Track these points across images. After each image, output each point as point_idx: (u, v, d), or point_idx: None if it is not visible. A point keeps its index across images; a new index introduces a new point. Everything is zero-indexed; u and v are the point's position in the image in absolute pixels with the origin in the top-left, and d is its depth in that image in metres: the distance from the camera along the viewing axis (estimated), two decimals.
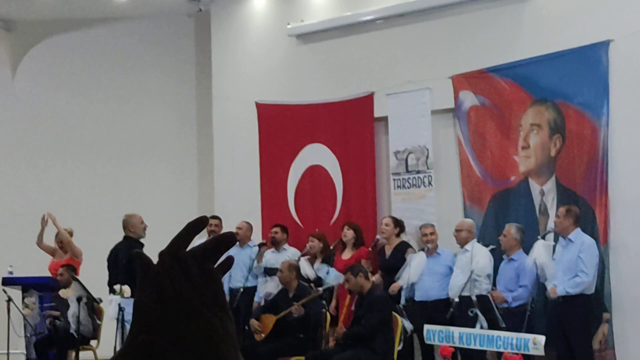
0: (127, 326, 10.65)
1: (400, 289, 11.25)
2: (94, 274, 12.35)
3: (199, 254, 1.60)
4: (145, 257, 1.60)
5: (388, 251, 11.83)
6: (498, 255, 10.70)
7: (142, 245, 11.09)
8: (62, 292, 12.15)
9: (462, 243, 10.93)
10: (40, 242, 13.57)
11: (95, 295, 11.58)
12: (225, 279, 12.91)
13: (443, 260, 11.20)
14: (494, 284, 10.51)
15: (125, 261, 10.87)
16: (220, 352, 1.58)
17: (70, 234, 13.49)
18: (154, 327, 1.52)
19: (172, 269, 1.56)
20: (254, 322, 11.14)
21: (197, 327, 1.52)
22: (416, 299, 11.16)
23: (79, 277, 11.99)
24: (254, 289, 12.74)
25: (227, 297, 12.72)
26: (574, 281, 9.65)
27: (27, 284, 13.02)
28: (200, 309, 1.52)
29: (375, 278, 11.29)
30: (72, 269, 12.53)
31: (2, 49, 15.91)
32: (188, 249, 1.61)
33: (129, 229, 11.16)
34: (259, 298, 12.58)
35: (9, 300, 12.50)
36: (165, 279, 1.55)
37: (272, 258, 12.67)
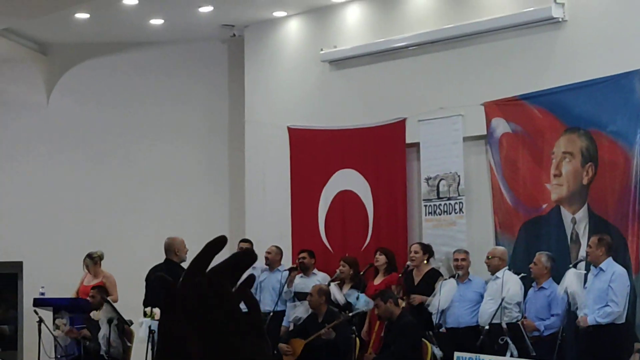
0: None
1: (426, 309, 11.21)
2: (123, 296, 12.43)
3: (219, 273, 1.57)
4: (169, 279, 1.58)
5: (417, 277, 11.80)
6: (528, 283, 10.65)
7: (183, 269, 11.11)
8: (93, 314, 12.19)
9: (494, 270, 10.88)
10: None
11: (126, 317, 11.61)
12: None
13: (474, 287, 11.16)
14: (524, 312, 10.44)
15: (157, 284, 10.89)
16: None
17: (101, 257, 13.53)
18: (181, 353, 1.48)
19: (200, 290, 1.53)
20: (282, 345, 11.14)
21: (234, 356, 1.48)
22: (447, 325, 11.12)
23: (109, 299, 12.04)
24: (283, 314, 12.73)
25: None
26: (604, 311, 9.59)
27: (58, 305, 13.09)
28: (236, 335, 1.48)
29: (406, 304, 11.26)
30: (103, 291, 12.58)
31: (38, 72, 16.06)
32: (209, 269, 1.58)
33: (174, 252, 11.17)
34: (287, 322, 12.57)
35: (40, 321, 12.57)
36: (193, 303, 1.52)
37: (301, 283, 12.67)
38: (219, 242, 1.62)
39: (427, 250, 11.85)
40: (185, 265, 11.19)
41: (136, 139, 16.06)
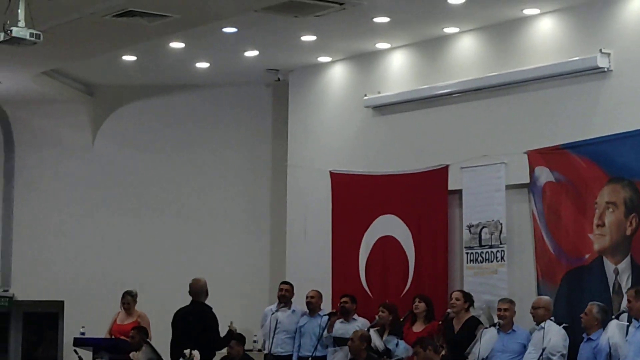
0: None
1: (466, 358, 11.15)
2: (160, 338, 12.45)
3: None
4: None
5: (457, 325, 11.73)
6: (571, 334, 10.56)
7: (209, 307, 11.13)
8: (133, 355, 12.21)
9: (539, 321, 10.78)
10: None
11: (166, 359, 11.63)
12: (295, 348, 12.98)
13: (518, 337, 11.07)
14: None
15: (203, 327, 10.89)
16: None
17: (135, 296, 13.59)
18: None
19: None
20: None
21: None
22: None
23: (149, 340, 12.06)
24: (322, 359, 12.69)
25: None
26: None
27: (98, 345, 13.13)
28: None
29: (445, 352, 11.19)
30: (143, 331, 12.61)
31: (84, 113, 16.23)
32: None
33: (204, 293, 11.18)
34: None
35: None
36: None
37: (341, 328, 12.64)
38: None
39: (468, 299, 11.79)
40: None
41: (179, 183, 16.17)
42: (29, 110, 16.19)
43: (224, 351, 12.37)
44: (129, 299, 13.51)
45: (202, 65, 14.86)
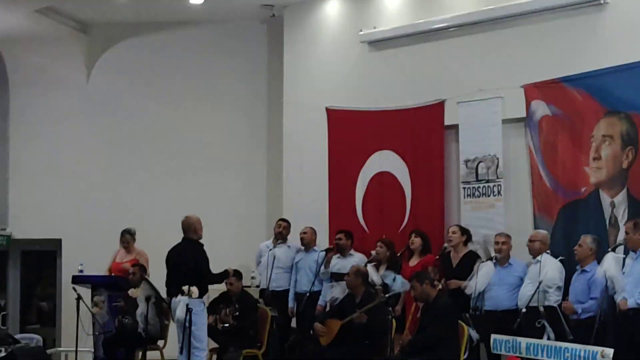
0: (195, 325, 10.71)
1: (463, 291, 11.21)
2: (157, 275, 12.49)
3: None
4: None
5: (455, 260, 11.78)
6: (567, 267, 10.60)
7: (202, 246, 11.15)
8: (131, 292, 12.28)
9: (535, 254, 10.83)
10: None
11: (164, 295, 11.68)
12: (292, 284, 13.05)
13: (515, 270, 11.12)
14: (567, 295, 10.39)
15: (193, 264, 10.92)
16: None
17: (134, 234, 13.62)
18: None
19: None
20: (318, 325, 11.16)
21: None
22: (486, 308, 11.09)
23: (148, 277, 12.11)
24: (319, 294, 12.76)
25: (294, 301, 12.86)
26: None
27: (96, 283, 13.19)
28: None
29: (442, 285, 11.24)
30: (142, 268, 12.66)
31: (78, 51, 16.14)
32: None
33: (194, 230, 11.18)
34: (323, 302, 12.60)
35: (79, 298, 12.65)
36: None
37: (338, 263, 12.69)
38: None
39: (465, 233, 11.83)
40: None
41: (174, 119, 16.12)
42: (23, 48, 16.10)
43: (223, 287, 12.43)
44: (127, 238, 13.54)
45: (196, 1, 14.75)
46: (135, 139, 16.04)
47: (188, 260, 10.91)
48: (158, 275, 12.48)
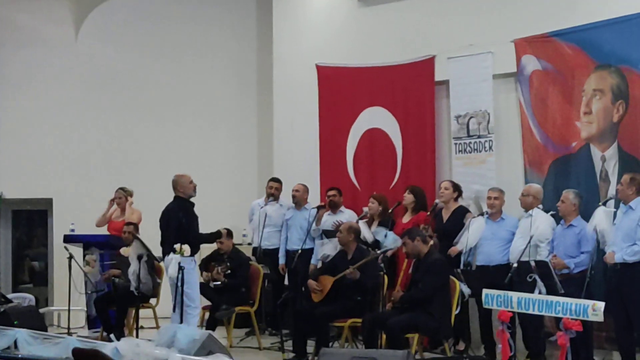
0: (187, 284, 10.73)
1: (460, 253, 11.24)
2: (150, 234, 12.49)
3: None
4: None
5: (445, 215, 11.79)
6: (558, 221, 10.62)
7: (192, 205, 11.14)
8: (123, 250, 12.28)
9: (527, 208, 10.83)
10: (100, 222, 13.67)
11: (156, 254, 11.68)
12: (282, 241, 13.06)
13: (507, 225, 11.13)
14: (553, 250, 10.42)
15: (178, 222, 10.92)
16: None
17: (130, 194, 13.61)
18: None
19: None
20: (311, 282, 11.19)
21: None
22: (478, 263, 11.13)
23: (139, 236, 12.10)
24: (311, 251, 12.79)
25: (284, 258, 12.87)
26: (632, 249, 9.55)
27: (88, 242, 13.19)
28: None
29: (433, 242, 11.27)
30: (136, 228, 12.66)
31: (67, 9, 16.02)
32: None
33: (179, 189, 11.18)
34: (315, 260, 12.63)
35: (71, 257, 12.68)
36: None
37: (329, 220, 12.70)
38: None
39: (457, 188, 11.84)
40: (194, 201, 11.21)
41: (164, 79, 16.07)
42: (10, 7, 15.96)
43: (214, 245, 12.45)
44: (121, 194, 13.53)
45: None
46: (124, 97, 15.97)
47: (176, 219, 10.91)
48: (150, 233, 12.51)
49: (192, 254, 10.85)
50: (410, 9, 13.29)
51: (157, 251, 11.69)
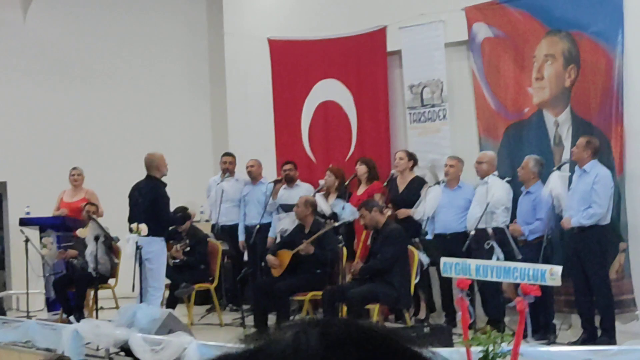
0: (145, 264, 10.71)
1: (417, 222, 11.27)
2: (107, 213, 12.43)
3: None
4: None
5: (401, 185, 11.81)
6: (514, 187, 10.67)
7: (165, 185, 11.09)
8: (80, 232, 12.20)
9: (483, 175, 10.85)
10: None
11: (113, 234, 11.62)
12: (241, 217, 13.04)
13: (464, 193, 11.17)
14: (515, 217, 10.47)
15: (150, 202, 10.85)
16: None
17: (82, 173, 13.51)
18: None
19: None
20: (270, 257, 11.19)
21: None
22: (435, 231, 11.17)
23: (95, 217, 12.04)
24: (269, 226, 12.77)
25: (243, 235, 12.85)
26: (587, 212, 9.62)
27: (44, 224, 13.09)
28: None
29: (391, 212, 11.30)
30: (94, 207, 12.59)
31: None
32: None
33: (158, 168, 11.09)
34: (274, 234, 12.62)
35: (27, 240, 12.57)
36: None
37: (285, 194, 12.69)
38: None
39: (412, 158, 11.85)
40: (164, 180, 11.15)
41: (115, 54, 15.94)
42: None
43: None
44: (79, 171, 13.42)
45: None
46: (75, 79, 15.83)
47: (147, 198, 10.85)
48: (106, 213, 12.47)
49: (161, 234, 10.82)
50: None
51: (113, 231, 11.64)
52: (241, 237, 13.14)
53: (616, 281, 10.18)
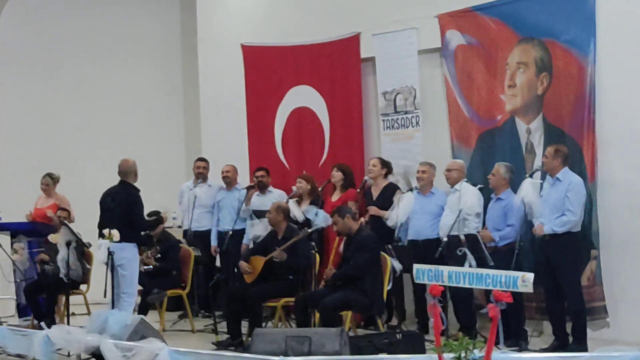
0: (118, 270, 10.66)
1: (386, 223, 11.29)
2: (79, 218, 12.37)
3: None
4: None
5: (375, 192, 11.83)
6: (485, 194, 10.71)
7: (139, 190, 11.04)
8: (51, 237, 12.12)
9: (453, 183, 10.90)
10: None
11: (85, 239, 11.56)
12: (214, 223, 13.00)
13: (436, 199, 11.20)
14: (484, 223, 10.52)
15: (123, 207, 10.80)
16: None
17: (57, 180, 13.42)
18: None
19: None
20: (243, 263, 11.15)
21: None
22: (408, 238, 11.20)
23: (67, 222, 11.97)
24: (242, 232, 12.76)
25: (216, 240, 12.82)
26: (560, 220, 9.66)
27: (15, 230, 13.00)
28: None
29: (364, 219, 11.31)
30: (68, 213, 12.52)
31: None
32: None
33: (134, 174, 11.06)
34: (247, 240, 12.60)
35: None
36: None
37: (257, 201, 12.68)
38: None
39: (386, 165, 11.87)
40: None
41: (88, 57, 15.89)
42: None
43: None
44: (48, 180, 13.33)
45: None
46: (48, 81, 15.76)
47: (121, 204, 10.80)
48: (78, 218, 12.40)
49: (135, 240, 10.79)
50: None
51: (86, 237, 11.58)
52: (214, 242, 13.12)
53: (587, 288, 10.24)
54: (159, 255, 12.15)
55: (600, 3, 10.45)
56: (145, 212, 11.47)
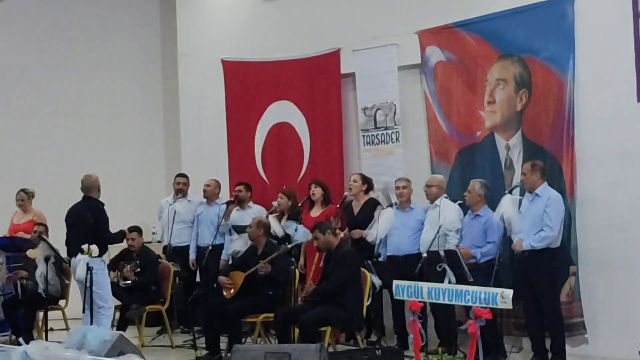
0: (98, 285, 10.60)
1: (370, 244, 11.28)
2: (55, 233, 12.30)
3: None
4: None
5: (356, 208, 11.83)
6: (465, 210, 10.72)
7: (103, 204, 11.00)
8: (30, 253, 12.08)
9: (432, 199, 10.94)
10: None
11: (63, 255, 11.50)
12: (193, 237, 12.98)
13: (416, 215, 11.22)
14: (461, 240, 10.53)
15: (92, 221, 10.75)
16: None
17: (32, 195, 13.37)
18: None
19: None
20: (222, 278, 11.12)
21: None
22: (388, 253, 11.20)
23: (46, 237, 11.92)
24: (222, 247, 12.73)
25: (195, 253, 12.79)
26: (539, 236, 9.68)
27: None
28: None
29: (344, 235, 11.30)
30: (46, 228, 12.47)
31: None
32: None
33: (97, 189, 11.01)
34: (226, 255, 12.59)
35: None
36: None
37: (237, 216, 12.67)
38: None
39: (367, 181, 11.87)
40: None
41: (67, 74, 15.85)
42: None
43: (124, 244, 12.29)
44: (22, 195, 13.28)
45: None
46: (24, 98, 15.72)
47: (87, 219, 10.74)
48: (54, 233, 12.33)
49: (101, 254, 10.72)
50: (315, 2, 13.33)
51: (64, 253, 11.52)
52: (192, 256, 13.10)
53: (566, 304, 10.26)
54: (138, 270, 12.11)
55: (579, 20, 10.51)
56: (124, 227, 11.44)
